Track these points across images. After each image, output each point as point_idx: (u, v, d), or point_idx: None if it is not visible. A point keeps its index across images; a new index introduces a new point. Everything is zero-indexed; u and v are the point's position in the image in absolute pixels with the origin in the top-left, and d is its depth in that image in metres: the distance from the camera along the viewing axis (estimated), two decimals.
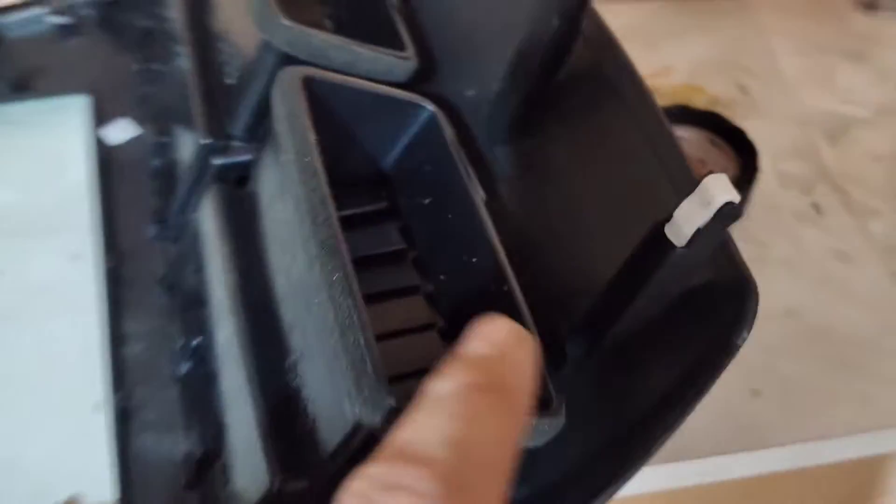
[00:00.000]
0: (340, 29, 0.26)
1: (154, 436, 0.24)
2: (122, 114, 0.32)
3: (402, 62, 0.26)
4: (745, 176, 0.40)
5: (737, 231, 0.18)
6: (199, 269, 0.26)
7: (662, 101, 0.23)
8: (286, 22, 0.23)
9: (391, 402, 0.16)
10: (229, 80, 0.27)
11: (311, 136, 0.20)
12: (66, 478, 0.24)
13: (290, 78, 0.21)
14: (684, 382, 0.19)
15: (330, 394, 0.18)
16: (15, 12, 0.35)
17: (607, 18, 0.25)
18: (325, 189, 0.19)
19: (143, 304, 0.27)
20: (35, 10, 0.35)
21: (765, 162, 0.40)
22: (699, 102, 0.45)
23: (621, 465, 0.19)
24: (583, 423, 0.20)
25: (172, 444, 0.24)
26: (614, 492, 0.20)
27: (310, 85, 0.22)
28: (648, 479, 0.30)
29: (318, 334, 0.19)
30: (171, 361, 0.26)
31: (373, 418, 0.16)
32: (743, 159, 0.41)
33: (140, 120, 0.32)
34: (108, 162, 0.31)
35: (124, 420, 0.24)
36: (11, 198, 0.30)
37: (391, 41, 0.26)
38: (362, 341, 0.16)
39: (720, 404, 0.31)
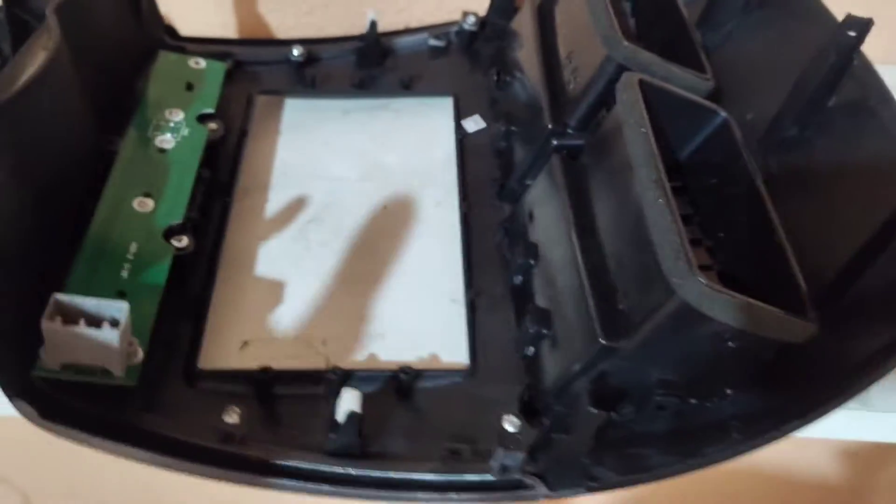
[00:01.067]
0: (657, 49, 0.35)
1: (495, 321, 0.35)
2: (476, 111, 0.45)
3: (704, 82, 0.35)
4: None
5: None
6: (531, 217, 0.36)
7: None
8: (626, 43, 0.34)
9: (702, 279, 0.25)
10: (569, 85, 0.37)
11: (646, 115, 0.30)
12: (430, 344, 0.35)
13: (631, 79, 0.31)
14: None
15: (643, 276, 0.27)
16: (406, 34, 0.49)
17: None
18: (654, 146, 0.29)
19: (487, 238, 0.38)
20: (420, 35, 0.48)
21: None
22: None
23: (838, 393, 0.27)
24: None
25: (508, 328, 0.34)
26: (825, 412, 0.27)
27: (643, 85, 0.31)
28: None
29: (636, 243, 0.28)
30: (505, 275, 0.37)
31: (687, 293, 0.25)
32: None
33: (487, 116, 0.44)
34: (464, 144, 0.43)
35: (473, 309, 0.35)
36: (396, 160, 0.43)
37: (695, 65, 0.35)
38: (679, 235, 0.25)
39: None
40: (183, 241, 0.34)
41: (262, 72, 0.47)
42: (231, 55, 0.46)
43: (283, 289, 0.36)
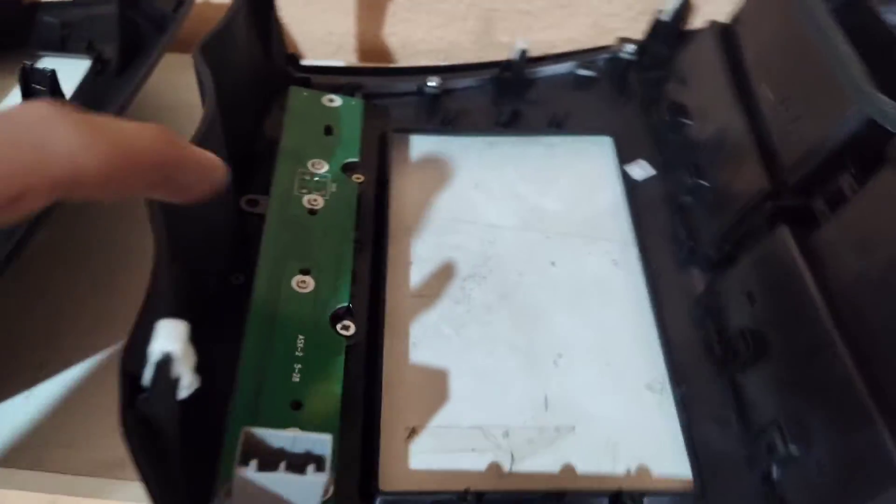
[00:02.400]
0: None
1: (710, 422, 0.30)
2: (639, 154, 0.39)
3: None
4: None
5: None
6: (752, 298, 0.31)
7: None
8: (881, 96, 0.28)
9: None
10: (789, 136, 0.32)
11: None
12: (630, 444, 0.30)
13: None
14: None
15: None
16: (550, 62, 0.43)
17: None
18: None
19: (679, 313, 0.33)
20: (567, 63, 0.43)
21: None
22: None
23: None
24: None
25: (730, 433, 0.29)
26: None
27: None
28: None
29: None
30: (712, 365, 0.31)
31: None
32: None
33: (656, 161, 0.39)
34: (633, 192, 0.38)
35: (684, 406, 0.30)
36: (558, 206, 0.38)
37: None
38: None
39: None
40: (350, 329, 0.29)
41: (392, 105, 0.42)
42: (360, 87, 0.41)
43: (450, 362, 0.31)
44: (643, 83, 0.42)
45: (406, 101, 0.42)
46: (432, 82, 0.41)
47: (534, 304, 0.34)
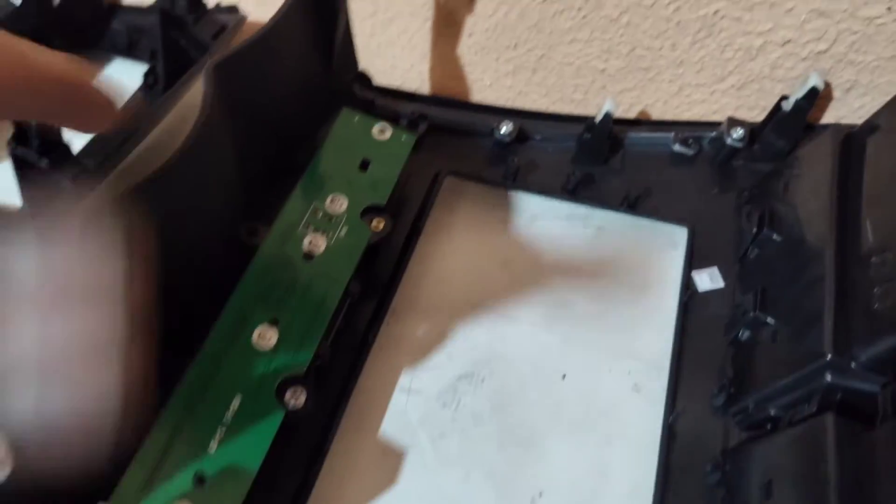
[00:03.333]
0: None
1: None
2: (715, 260, 0.33)
3: None
4: None
5: None
6: (769, 493, 0.25)
7: None
8: None
9: None
10: (873, 298, 0.25)
11: None
12: None
13: None
14: None
15: None
16: (643, 129, 0.38)
17: None
18: None
19: (693, 467, 0.28)
20: (662, 134, 0.37)
21: None
22: None
23: None
24: None
25: None
26: None
27: None
28: None
29: None
30: None
31: None
32: None
33: (730, 273, 0.33)
34: (689, 304, 0.32)
35: None
36: (593, 307, 0.33)
37: None
38: None
39: None
40: (299, 400, 0.26)
41: (455, 143, 0.38)
42: (426, 117, 0.38)
43: (414, 476, 0.28)
44: (744, 174, 0.36)
45: (470, 142, 0.38)
46: (506, 128, 0.37)
47: (529, 424, 0.29)
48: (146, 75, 0.39)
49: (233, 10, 0.42)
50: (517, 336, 0.32)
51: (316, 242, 0.30)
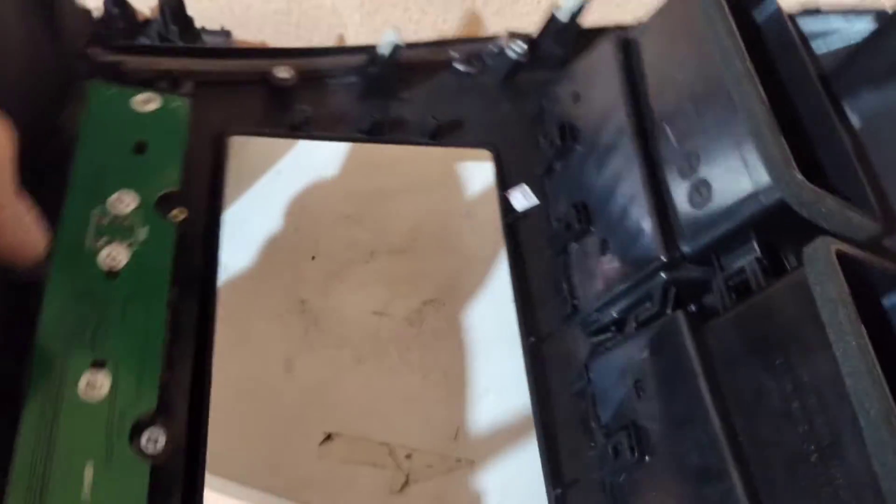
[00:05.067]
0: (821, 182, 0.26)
1: None
2: (521, 175, 0.34)
3: (871, 224, 0.26)
4: None
5: None
6: (639, 391, 0.27)
7: None
8: (800, 178, 0.24)
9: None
10: (692, 200, 0.28)
11: (860, 325, 0.21)
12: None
13: (829, 259, 0.22)
14: None
15: None
16: (424, 49, 0.37)
17: None
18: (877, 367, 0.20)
19: (559, 372, 0.30)
20: (443, 49, 0.36)
21: None
22: None
23: None
24: None
25: None
26: None
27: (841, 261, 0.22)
28: None
29: None
30: (589, 448, 0.28)
31: None
32: None
33: (540, 188, 0.34)
34: (515, 228, 0.33)
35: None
36: (417, 226, 0.33)
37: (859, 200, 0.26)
38: None
39: None
40: (159, 442, 0.23)
41: (230, 95, 0.34)
42: (190, 73, 0.33)
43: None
44: (532, 87, 0.36)
45: (249, 91, 0.34)
46: (283, 73, 0.34)
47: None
48: None
49: (226, 33, 0.38)
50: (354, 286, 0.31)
51: (114, 255, 0.25)
